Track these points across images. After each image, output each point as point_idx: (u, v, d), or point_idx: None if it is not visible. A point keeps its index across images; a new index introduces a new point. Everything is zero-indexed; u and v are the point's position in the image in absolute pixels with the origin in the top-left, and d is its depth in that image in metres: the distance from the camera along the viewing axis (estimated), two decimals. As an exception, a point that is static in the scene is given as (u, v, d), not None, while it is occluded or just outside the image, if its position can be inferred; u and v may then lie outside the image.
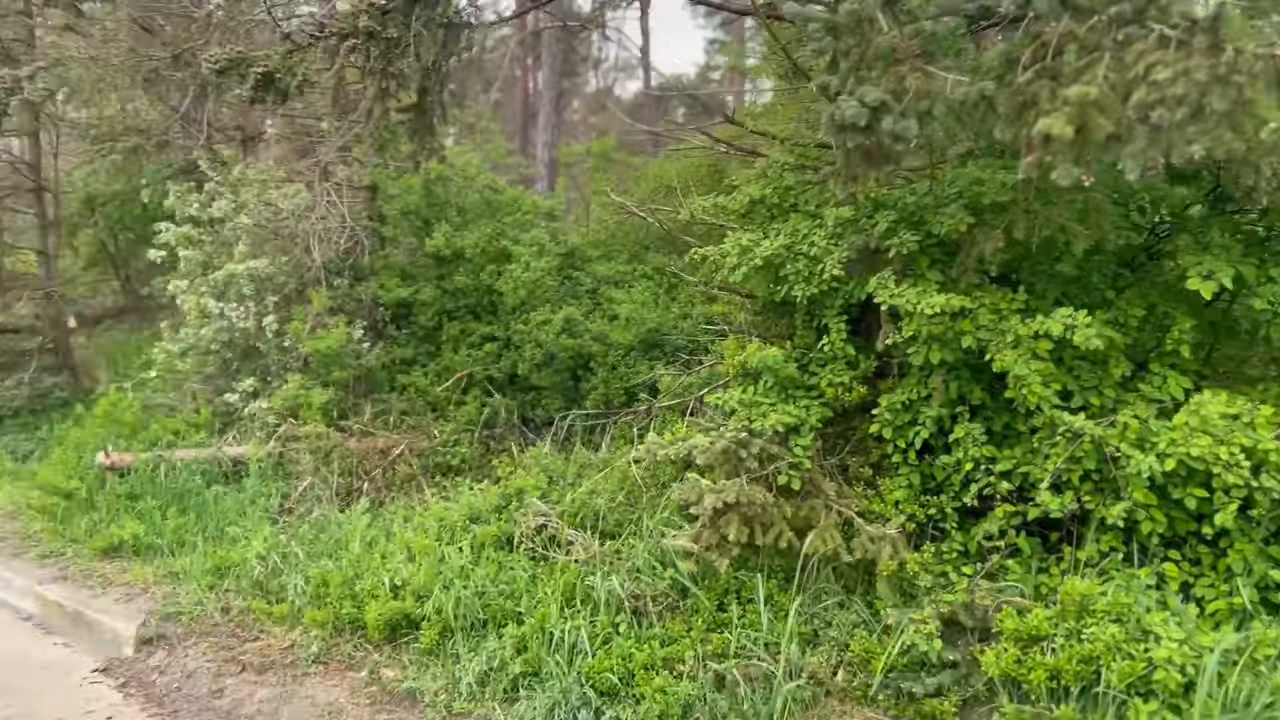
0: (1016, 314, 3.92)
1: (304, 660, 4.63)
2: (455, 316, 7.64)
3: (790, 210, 4.63)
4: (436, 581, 4.79)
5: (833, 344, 4.49)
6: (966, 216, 3.90)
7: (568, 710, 4.02)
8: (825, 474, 4.62)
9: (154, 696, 4.54)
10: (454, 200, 7.74)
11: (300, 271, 7.12)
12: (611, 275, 7.62)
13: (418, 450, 6.91)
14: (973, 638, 3.92)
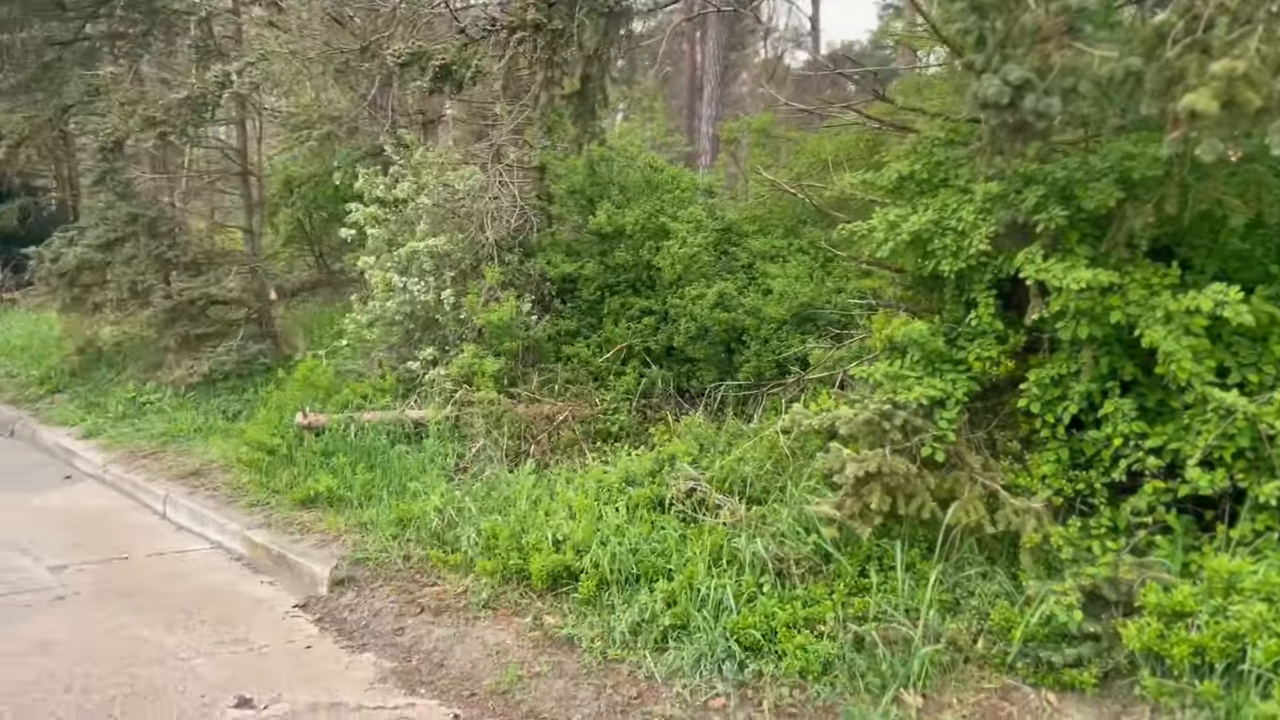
0: (1168, 289, 3.88)
1: (475, 605, 5.07)
2: (616, 291, 7.97)
3: (940, 185, 4.68)
4: (594, 538, 5.13)
5: (981, 318, 4.54)
6: (1116, 191, 3.87)
7: (713, 661, 4.28)
8: (971, 447, 4.68)
9: (345, 631, 5.09)
10: (616, 179, 8.05)
11: (475, 248, 7.61)
12: (767, 250, 7.77)
13: (580, 417, 7.30)
14: (1115, 611, 3.93)
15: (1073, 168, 4.07)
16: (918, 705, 3.88)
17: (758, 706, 4.01)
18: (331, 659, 4.75)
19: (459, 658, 4.65)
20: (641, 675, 4.33)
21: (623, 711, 4.10)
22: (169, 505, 7.01)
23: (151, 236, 9.44)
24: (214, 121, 8.89)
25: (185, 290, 9.32)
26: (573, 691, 4.28)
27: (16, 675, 4.41)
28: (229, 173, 10.12)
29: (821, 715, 3.94)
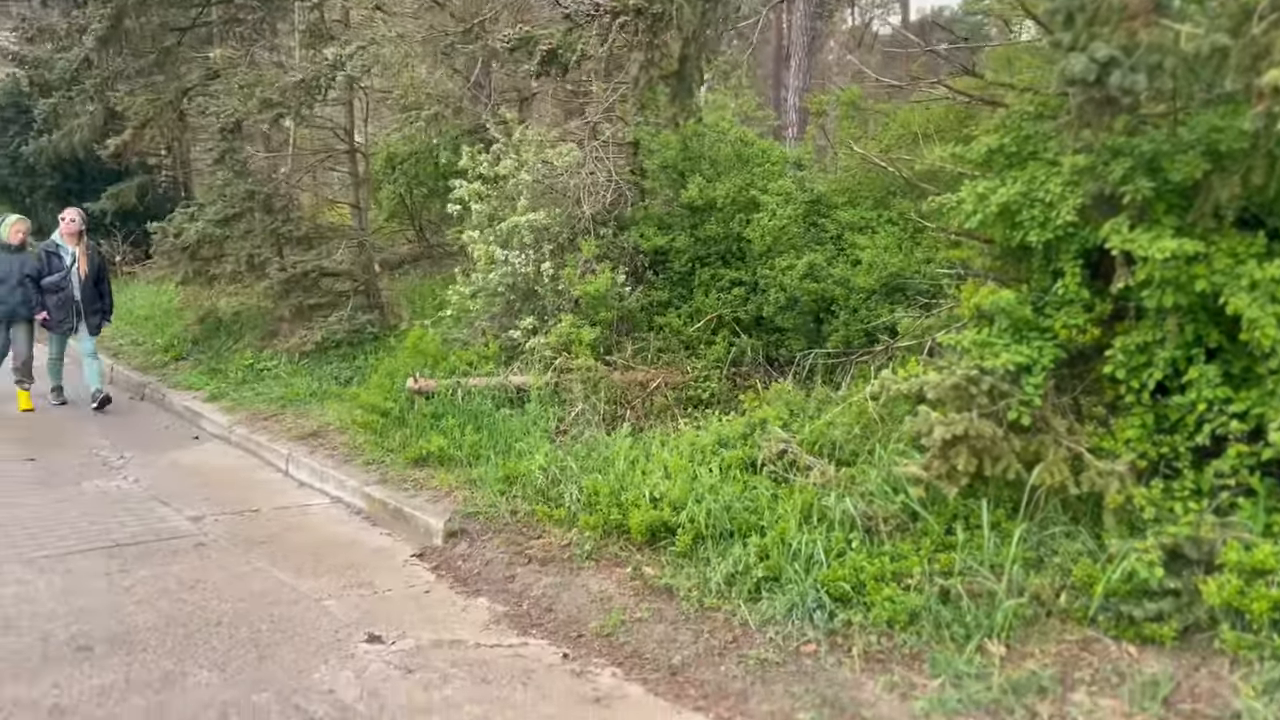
0: (1254, 258, 3.98)
1: (579, 556, 5.43)
2: (706, 263, 8.23)
3: (1028, 158, 4.81)
4: (689, 495, 5.43)
5: (1067, 287, 4.68)
6: (1203, 163, 3.98)
7: (804, 611, 4.55)
8: (1056, 412, 4.83)
9: (460, 578, 5.51)
10: (707, 153, 8.29)
11: (572, 223, 7.94)
12: (855, 221, 7.93)
13: (672, 384, 7.60)
14: (1196, 569, 4.07)
15: (1160, 140, 4.18)
16: (1001, 654, 4.09)
17: (847, 652, 4.27)
18: (449, 602, 5.16)
19: (566, 603, 5.01)
20: (736, 622, 4.62)
21: (720, 653, 4.41)
22: (291, 464, 7.54)
23: (267, 212, 10.01)
24: (324, 102, 9.37)
25: (298, 263, 9.88)
26: (673, 635, 4.60)
27: (174, 610, 4.92)
28: (337, 151, 10.63)
29: (908, 661, 4.18)
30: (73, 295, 9.31)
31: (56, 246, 9.39)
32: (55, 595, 5.05)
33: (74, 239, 9.38)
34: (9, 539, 5.86)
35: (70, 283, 9.30)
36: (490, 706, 4.01)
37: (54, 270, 9.23)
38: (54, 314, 9.24)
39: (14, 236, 9.22)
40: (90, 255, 9.52)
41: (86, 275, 9.36)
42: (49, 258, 9.30)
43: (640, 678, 4.31)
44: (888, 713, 3.85)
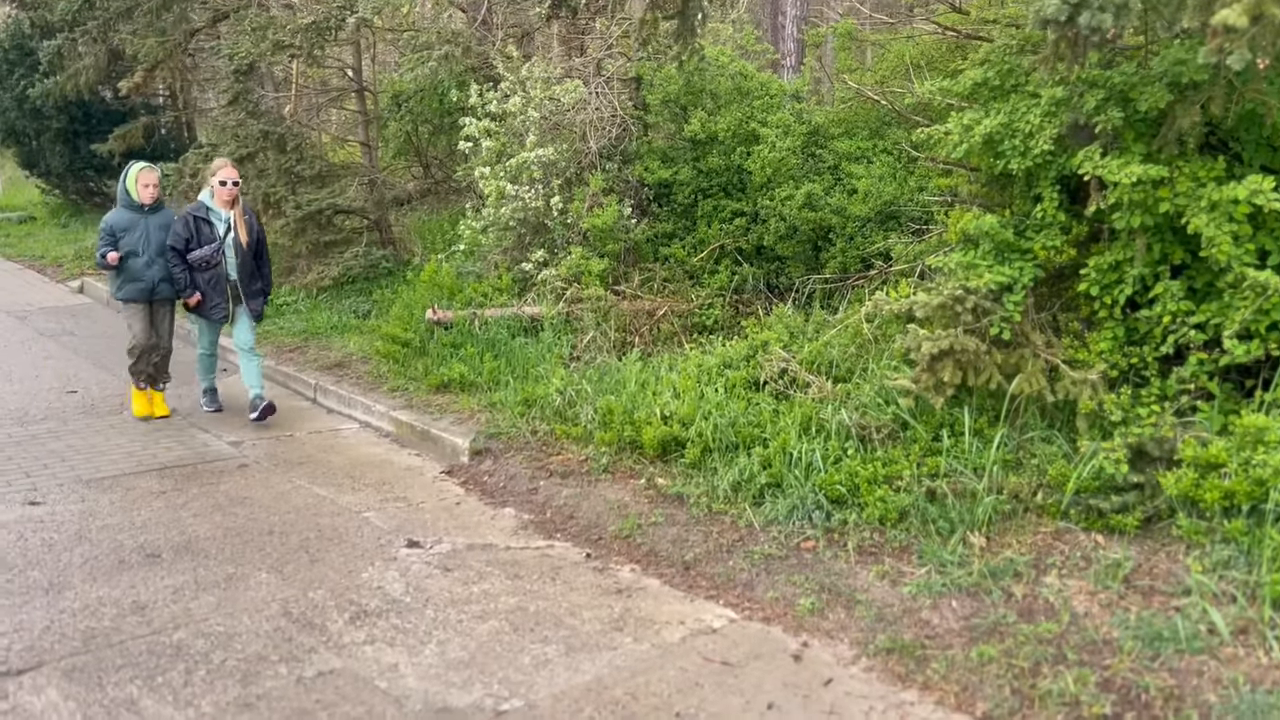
0: (1213, 181, 4.35)
1: (596, 470, 5.88)
2: (709, 194, 8.56)
3: (1011, 91, 5.14)
4: (697, 412, 5.86)
5: (1046, 211, 5.04)
6: (1167, 94, 4.32)
7: (804, 511, 5.01)
8: (1035, 327, 5.23)
9: (487, 491, 5.96)
10: (708, 88, 8.56)
11: (578, 157, 8.26)
12: (852, 152, 8.25)
13: (678, 312, 8.00)
14: (1158, 465, 4.51)
15: (1129, 73, 4.50)
16: (981, 545, 4.55)
17: (843, 547, 4.74)
18: (478, 512, 5.62)
19: (586, 511, 5.47)
20: (742, 524, 5.08)
21: (728, 551, 4.87)
22: (319, 392, 7.97)
23: (280, 152, 10.30)
24: (334, 43, 9.59)
25: (312, 201, 10.20)
26: (684, 536, 5.06)
27: (229, 522, 5.38)
28: (346, 90, 10.87)
29: (898, 553, 4.64)
30: (227, 273, 7.13)
31: (206, 210, 7.10)
32: (118, 511, 5.51)
33: (229, 203, 7.13)
34: (67, 464, 6.31)
35: (224, 257, 7.10)
36: (523, 598, 4.48)
37: (203, 241, 7.03)
38: (206, 297, 7.15)
39: (144, 193, 7.11)
40: (249, 222, 7.29)
41: (247, 246, 7.20)
42: (197, 225, 7.04)
43: (657, 573, 4.78)
44: (879, 596, 4.31)
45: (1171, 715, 3.37)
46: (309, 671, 3.82)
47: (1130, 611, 3.94)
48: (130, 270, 7.13)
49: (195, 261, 7.07)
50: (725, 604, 4.43)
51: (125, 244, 7.09)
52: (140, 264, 7.12)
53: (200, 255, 7.05)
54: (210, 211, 7.12)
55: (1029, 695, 3.58)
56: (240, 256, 7.18)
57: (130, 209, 7.17)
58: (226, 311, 7.22)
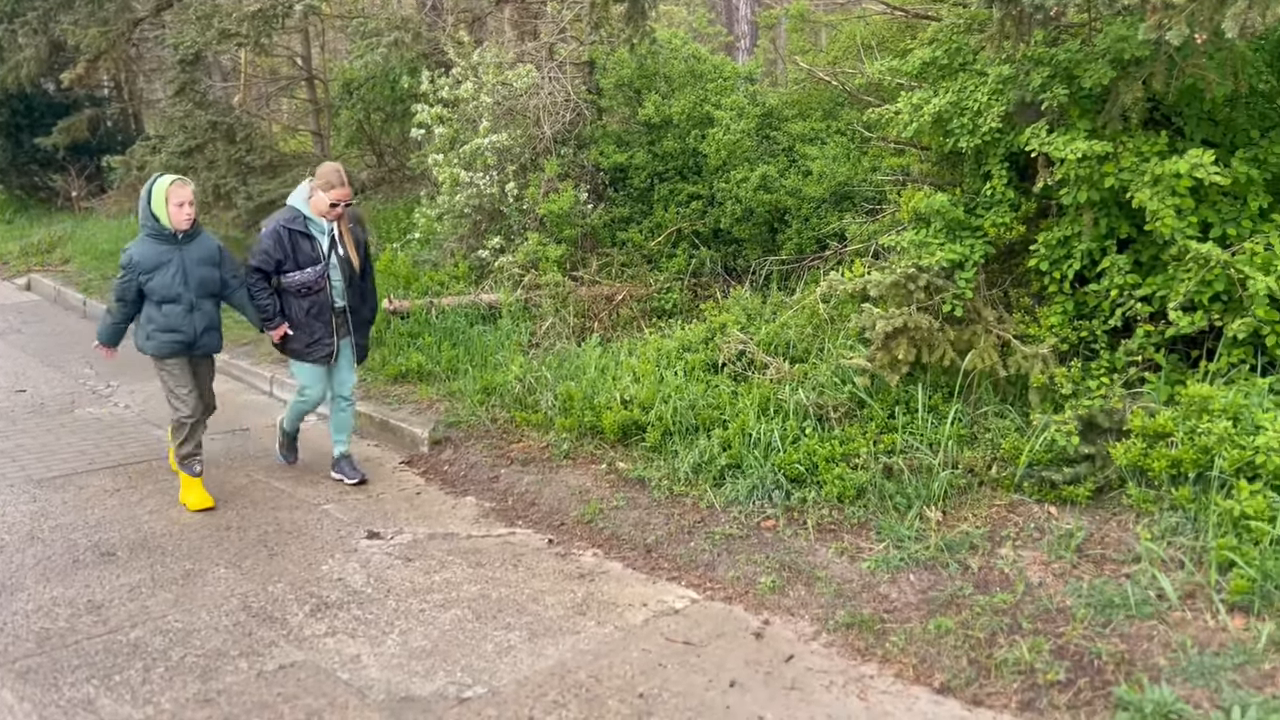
0: (1156, 156, 4.42)
1: (557, 456, 5.88)
2: (665, 178, 8.56)
3: (959, 69, 5.19)
4: (657, 396, 5.88)
5: (995, 189, 5.10)
6: (1110, 70, 4.38)
7: (764, 491, 5.05)
8: (987, 303, 5.31)
9: (447, 480, 5.94)
10: (662, 71, 8.55)
11: (533, 143, 8.21)
12: (806, 133, 8.28)
13: (636, 296, 8.00)
14: (1108, 436, 4.60)
15: (1074, 50, 4.56)
16: (938, 519, 4.62)
17: (802, 525, 4.78)
18: (439, 502, 5.60)
19: (547, 497, 5.47)
20: (703, 505, 5.11)
21: (689, 532, 4.90)
22: (275, 385, 7.88)
23: (230, 142, 10.14)
24: (281, 30, 9.44)
25: (265, 192, 10.06)
26: (646, 519, 5.08)
27: (185, 518, 5.32)
28: (295, 78, 10.72)
29: (857, 530, 4.70)
30: (332, 300, 5.57)
31: (305, 222, 5.46)
32: (71, 510, 5.42)
33: (334, 209, 5.45)
34: (17, 463, 6.20)
35: (329, 280, 5.54)
36: (486, 585, 4.48)
37: (302, 261, 5.44)
38: (304, 331, 5.56)
39: (178, 215, 5.21)
40: (355, 233, 5.67)
41: (357, 266, 5.67)
42: (293, 240, 5.43)
43: (619, 556, 4.80)
44: (839, 572, 4.36)
45: (1123, 679, 3.45)
46: (270, 665, 3.80)
47: (1083, 580, 4.02)
48: (164, 318, 5.28)
49: (292, 288, 5.47)
50: (687, 585, 4.46)
51: (156, 286, 5.25)
52: (178, 311, 5.28)
53: (300, 280, 5.43)
54: (309, 222, 5.44)
55: (985, 665, 3.64)
56: (348, 278, 5.61)
57: (159, 238, 5.25)
58: (332, 347, 5.62)
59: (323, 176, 5.42)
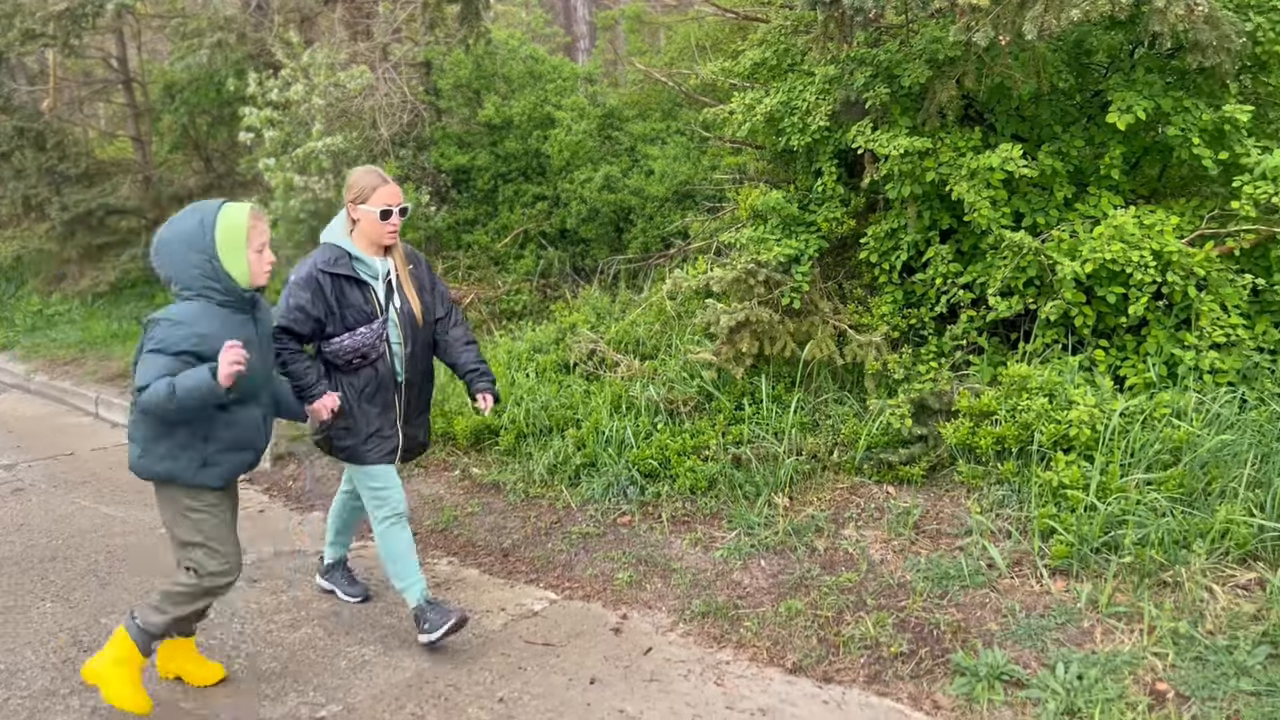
0: (972, 151, 4.70)
1: (409, 466, 5.77)
2: (509, 179, 8.52)
3: (788, 70, 5.37)
4: (509, 399, 5.85)
5: (826, 185, 5.31)
6: (926, 70, 4.63)
7: (619, 488, 5.10)
8: (823, 295, 5.51)
9: (293, 496, 5.74)
10: (500, 71, 8.50)
11: (370, 145, 8.02)
12: (647, 133, 8.39)
13: (484, 299, 7.94)
14: (939, 417, 4.86)
15: (894, 51, 4.80)
16: (785, 505, 4.77)
17: (657, 519, 4.85)
18: (285, 519, 5.41)
19: (399, 507, 5.36)
20: (560, 505, 5.12)
21: (546, 533, 4.90)
22: (101, 406, 7.44)
23: (39, 150, 9.50)
24: (93, 30, 8.89)
25: (80, 202, 9.46)
26: (502, 523, 5.05)
27: (4, 552, 4.96)
28: (113, 82, 10.12)
29: (709, 520, 4.80)
30: (394, 370, 3.82)
31: (351, 263, 3.67)
32: None
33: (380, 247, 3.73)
34: None
35: (388, 344, 3.78)
36: (337, 602, 4.35)
37: (352, 320, 3.69)
38: (359, 419, 3.80)
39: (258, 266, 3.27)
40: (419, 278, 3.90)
41: (422, 321, 3.86)
42: (338, 288, 3.65)
43: (475, 562, 4.75)
44: (693, 563, 4.45)
45: (959, 646, 3.65)
46: (104, 702, 3.58)
47: (921, 555, 4.23)
48: (236, 429, 3.35)
49: (341, 358, 3.71)
50: (545, 586, 4.46)
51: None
52: (255, 417, 3.41)
53: (352, 347, 3.67)
54: (357, 263, 3.65)
55: (834, 642, 3.79)
56: (413, 339, 3.82)
57: (230, 301, 3.21)
58: (396, 440, 3.90)
59: (357, 184, 3.67)
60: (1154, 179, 5.26)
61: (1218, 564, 3.77)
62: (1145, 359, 4.55)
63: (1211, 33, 4.07)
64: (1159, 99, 4.49)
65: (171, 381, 3.02)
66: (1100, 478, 4.10)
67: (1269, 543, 3.80)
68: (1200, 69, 4.38)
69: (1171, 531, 3.86)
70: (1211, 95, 4.56)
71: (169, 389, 3.02)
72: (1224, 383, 4.35)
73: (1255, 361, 4.44)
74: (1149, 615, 3.61)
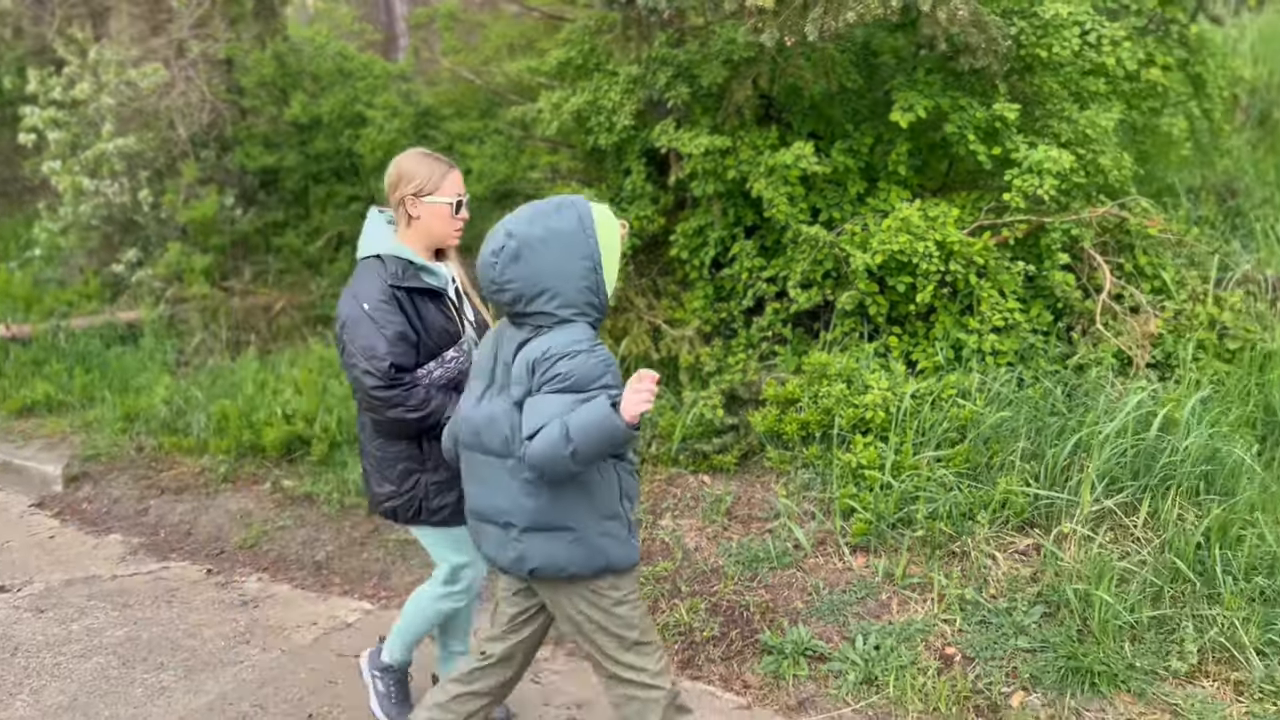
0: (769, 149, 4.87)
1: (215, 480, 5.51)
2: (320, 180, 8.24)
3: (594, 69, 5.42)
4: (320, 407, 5.67)
5: (635, 183, 5.38)
6: (723, 70, 4.77)
7: (437, 492, 5.02)
8: (638, 292, 5.60)
9: (87, 519, 5.38)
10: (308, 69, 8.21)
11: (168, 146, 7.60)
12: (465, 132, 8.27)
13: (298, 304, 7.66)
14: (748, 406, 5.01)
15: (694, 51, 4.92)
16: (604, 500, 4.81)
17: (476, 521, 4.81)
18: (78, 544, 5.07)
19: (205, 525, 5.12)
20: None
21: (362, 544, 4.78)
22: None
23: None
24: None
25: None
26: (315, 536, 4.90)
27: None
28: None
29: (528, 520, 4.79)
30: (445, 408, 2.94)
31: (416, 271, 2.92)
32: None
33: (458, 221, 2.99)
34: None
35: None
36: (134, 627, 4.12)
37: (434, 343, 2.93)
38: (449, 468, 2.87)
39: None
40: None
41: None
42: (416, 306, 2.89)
43: (287, 578, 4.59)
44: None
45: (767, 626, 3.79)
46: None
47: (733, 540, 4.36)
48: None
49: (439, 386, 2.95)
50: (360, 597, 4.36)
51: None
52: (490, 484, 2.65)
53: (445, 377, 2.96)
54: (423, 273, 2.95)
55: (649, 631, 3.86)
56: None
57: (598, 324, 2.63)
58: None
59: (418, 173, 2.91)
60: (943, 174, 5.59)
61: (999, 532, 4.05)
62: (934, 343, 4.83)
63: (980, 36, 4.36)
64: (938, 98, 4.77)
65: (564, 423, 2.29)
66: (895, 457, 4.32)
67: (1043, 509, 4.10)
68: (973, 70, 4.68)
69: (959, 504, 4.11)
70: (984, 95, 4.89)
71: (562, 432, 2.28)
72: (1004, 363, 4.67)
73: (1031, 343, 4.78)
74: (939, 584, 3.84)
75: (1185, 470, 4.00)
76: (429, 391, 2.86)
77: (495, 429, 2.47)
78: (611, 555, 2.51)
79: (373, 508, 3.12)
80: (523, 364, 2.41)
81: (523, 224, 2.46)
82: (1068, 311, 4.91)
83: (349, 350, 2.84)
